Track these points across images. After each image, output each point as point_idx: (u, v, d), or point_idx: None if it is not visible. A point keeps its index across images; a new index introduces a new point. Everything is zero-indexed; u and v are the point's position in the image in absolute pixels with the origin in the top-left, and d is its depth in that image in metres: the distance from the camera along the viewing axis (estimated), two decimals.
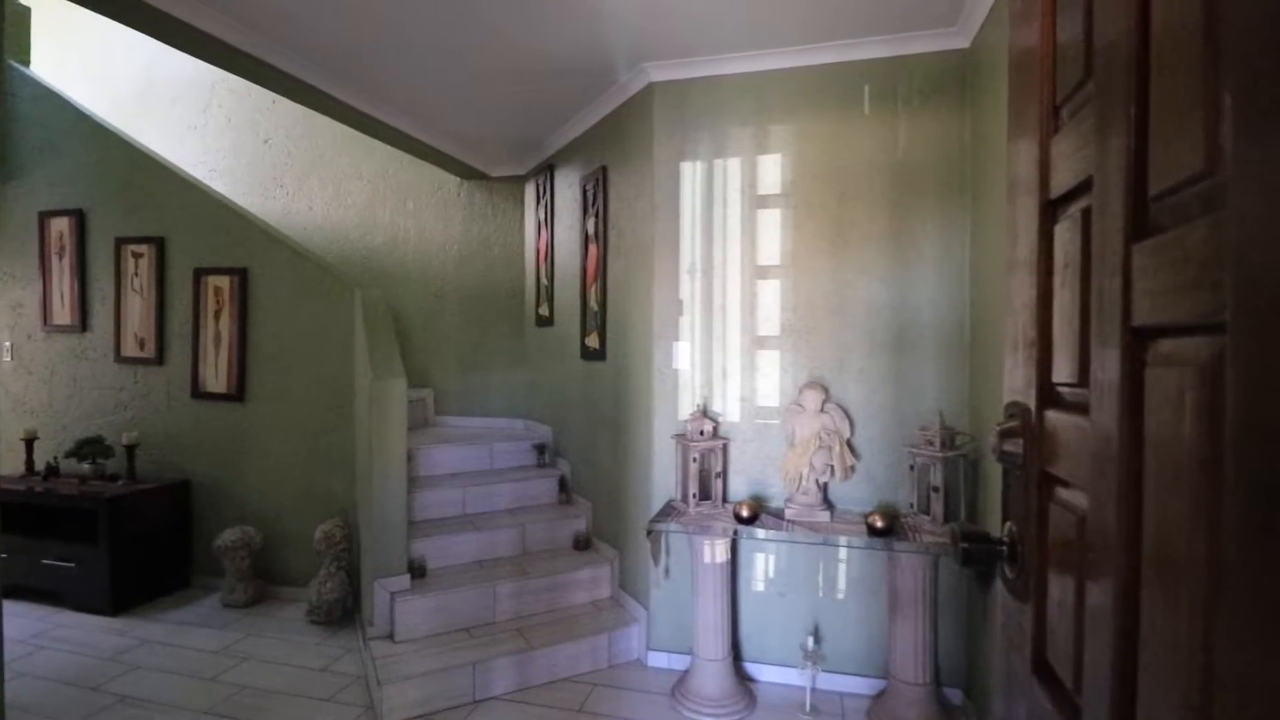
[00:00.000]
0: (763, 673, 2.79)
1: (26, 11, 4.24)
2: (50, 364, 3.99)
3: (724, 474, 2.77)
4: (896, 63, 2.62)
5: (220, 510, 3.71)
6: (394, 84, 3.12)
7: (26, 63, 4.17)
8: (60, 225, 3.91)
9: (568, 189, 3.89)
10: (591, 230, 3.53)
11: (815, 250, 2.73)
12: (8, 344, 4.04)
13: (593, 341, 3.52)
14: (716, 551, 2.57)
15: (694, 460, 2.65)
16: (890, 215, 2.65)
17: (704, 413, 2.79)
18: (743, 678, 2.74)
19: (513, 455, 4.04)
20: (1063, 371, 0.73)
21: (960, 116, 2.56)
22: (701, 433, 2.70)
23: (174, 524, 3.68)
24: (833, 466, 2.57)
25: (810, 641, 2.56)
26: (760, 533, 2.48)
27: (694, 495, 2.66)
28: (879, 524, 2.33)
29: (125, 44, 5.06)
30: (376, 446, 2.93)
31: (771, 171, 2.78)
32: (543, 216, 4.23)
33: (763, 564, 2.81)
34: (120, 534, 3.37)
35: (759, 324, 2.80)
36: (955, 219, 2.57)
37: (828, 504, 2.61)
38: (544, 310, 4.24)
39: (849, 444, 2.63)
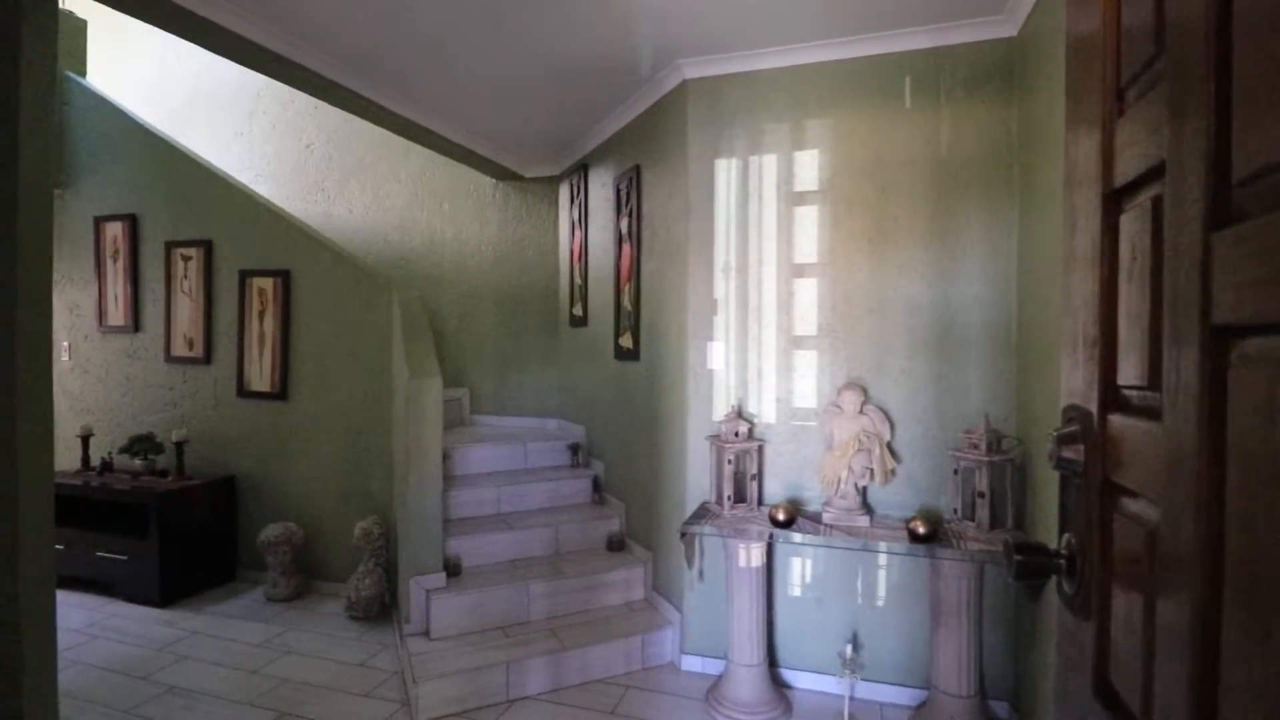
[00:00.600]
0: (799, 679, 2.73)
1: (83, 24, 4.41)
2: (105, 363, 4.15)
3: (759, 476, 2.72)
4: (939, 54, 2.53)
5: (264, 506, 3.80)
6: (430, 86, 3.15)
7: (83, 73, 4.34)
8: (114, 229, 4.06)
9: (601, 189, 3.88)
10: (625, 230, 3.51)
11: (854, 248, 2.66)
12: (65, 344, 4.20)
13: (626, 341, 3.51)
14: (752, 555, 2.52)
15: (729, 462, 2.61)
16: (933, 211, 2.57)
17: (739, 414, 2.75)
18: (778, 684, 2.69)
19: (547, 455, 4.05)
20: (1129, 373, 0.68)
21: (1007, 108, 2.46)
22: (736, 434, 2.66)
23: (220, 519, 3.79)
24: (872, 470, 2.50)
25: (848, 649, 2.50)
26: (797, 537, 2.43)
27: (728, 497, 2.62)
28: (921, 530, 2.26)
29: (175, 55, 5.23)
30: (413, 445, 2.96)
31: (808, 168, 2.72)
32: (577, 217, 4.23)
33: (799, 568, 2.75)
34: (170, 528, 3.48)
35: (795, 323, 2.75)
36: (1002, 214, 2.48)
37: (867, 508, 2.54)
38: (578, 310, 4.24)
39: (889, 447, 2.56)
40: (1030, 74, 2.29)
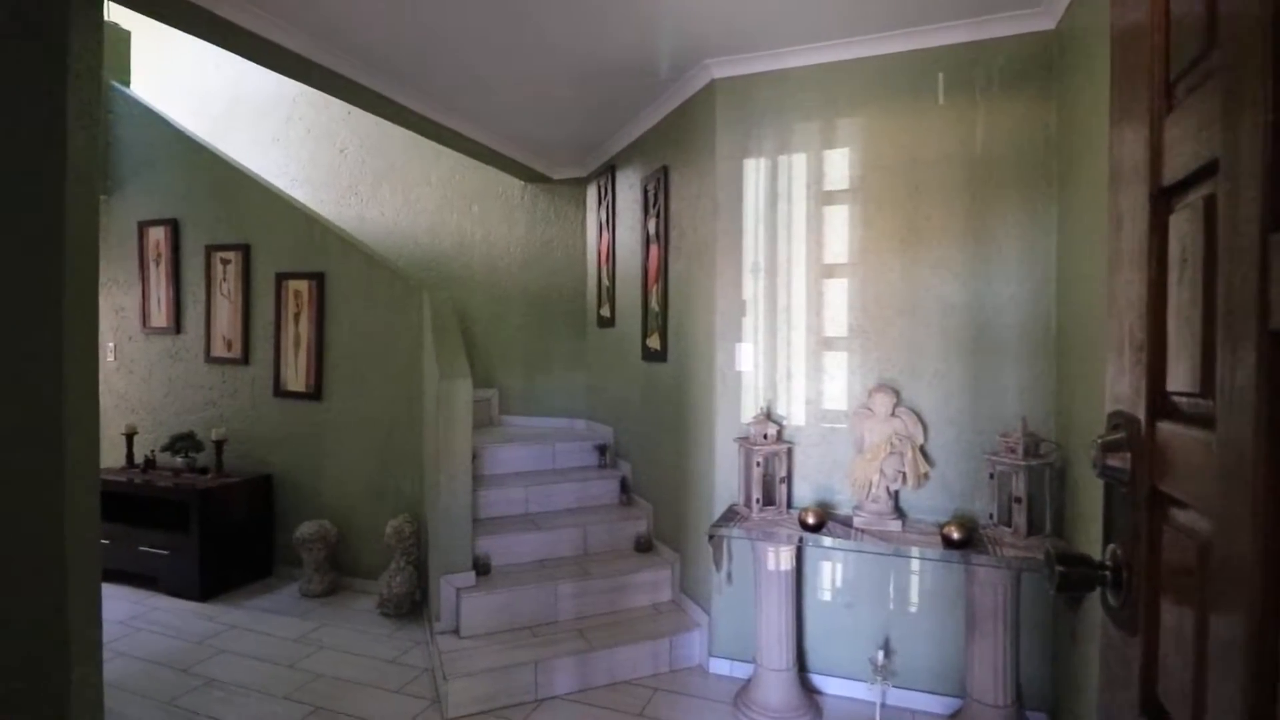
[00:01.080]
0: (829, 685, 2.70)
1: (127, 35, 4.56)
2: (148, 364, 4.28)
3: (788, 479, 2.69)
4: (974, 48, 2.48)
5: (299, 504, 3.89)
6: (458, 90, 3.18)
7: (127, 83, 4.48)
8: (157, 234, 4.18)
9: (629, 190, 3.88)
10: (653, 230, 3.51)
11: (885, 247, 2.62)
12: (111, 345, 4.34)
13: (654, 342, 3.50)
14: (781, 559, 2.50)
15: (757, 464, 2.59)
16: (967, 209, 2.51)
17: (768, 415, 2.73)
18: (808, 689, 2.66)
19: (574, 455, 4.07)
20: (1179, 379, 0.65)
21: (1045, 103, 2.40)
22: (765, 436, 2.63)
23: (258, 516, 3.88)
24: (904, 474, 2.46)
25: (880, 655, 2.46)
26: (827, 541, 2.40)
27: (757, 500, 2.59)
28: (955, 535, 2.21)
29: (215, 63, 5.37)
30: (443, 445, 3.00)
31: (839, 166, 2.68)
32: (604, 218, 4.24)
33: (829, 573, 2.71)
34: (210, 524, 3.57)
35: (825, 324, 2.71)
36: (1039, 212, 2.42)
37: (899, 513, 2.50)
38: (605, 311, 4.24)
39: (922, 450, 2.51)
40: (1070, 68, 2.22)
